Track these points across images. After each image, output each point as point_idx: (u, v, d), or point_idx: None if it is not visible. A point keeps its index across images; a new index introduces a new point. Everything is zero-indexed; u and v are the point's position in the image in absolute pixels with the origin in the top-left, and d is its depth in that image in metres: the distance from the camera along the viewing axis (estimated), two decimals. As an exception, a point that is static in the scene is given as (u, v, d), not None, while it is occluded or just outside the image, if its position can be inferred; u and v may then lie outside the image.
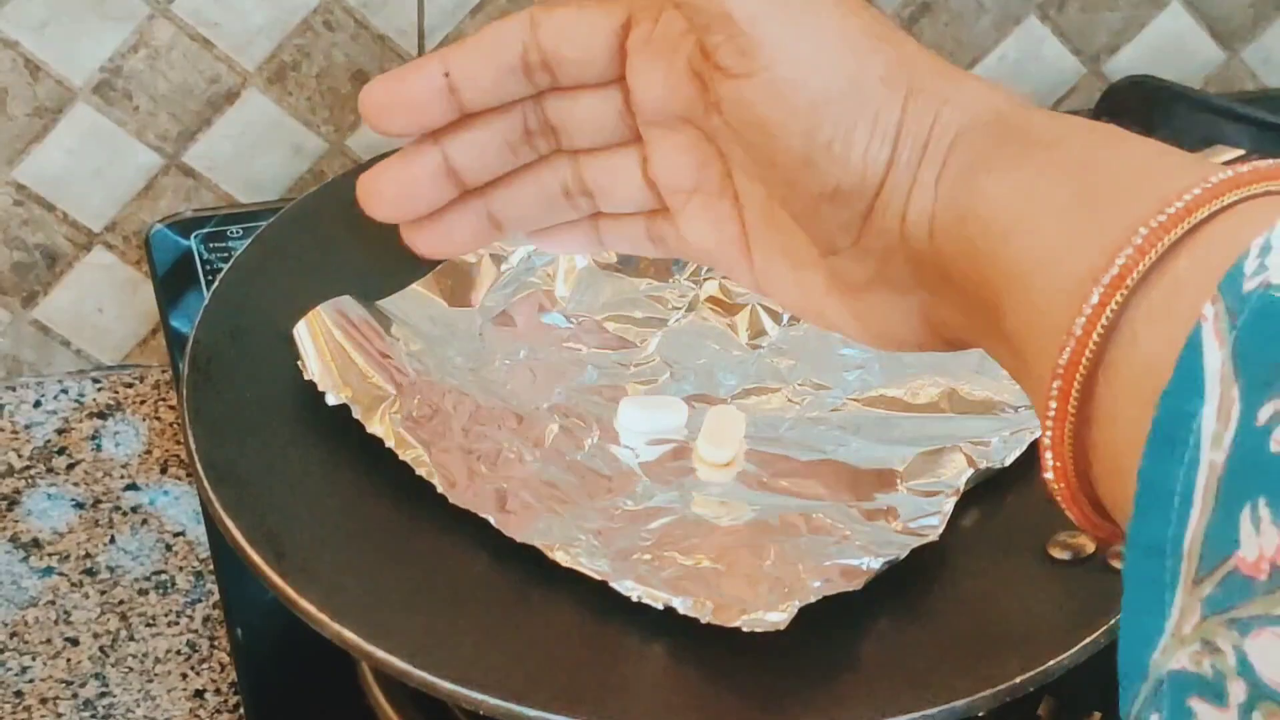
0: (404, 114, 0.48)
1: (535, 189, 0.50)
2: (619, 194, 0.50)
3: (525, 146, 0.49)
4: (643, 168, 0.49)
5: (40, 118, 0.89)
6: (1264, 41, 1.07)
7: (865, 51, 0.44)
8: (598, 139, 0.50)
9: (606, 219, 0.51)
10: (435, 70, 0.47)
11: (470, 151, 0.49)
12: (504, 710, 0.62)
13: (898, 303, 0.46)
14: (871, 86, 0.44)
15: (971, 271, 0.43)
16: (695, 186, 0.49)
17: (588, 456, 0.72)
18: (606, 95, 0.49)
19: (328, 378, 0.71)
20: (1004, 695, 0.64)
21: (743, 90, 0.44)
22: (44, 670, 0.81)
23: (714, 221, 0.49)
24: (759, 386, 0.77)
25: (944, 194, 0.44)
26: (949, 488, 0.70)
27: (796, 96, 0.43)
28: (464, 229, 0.50)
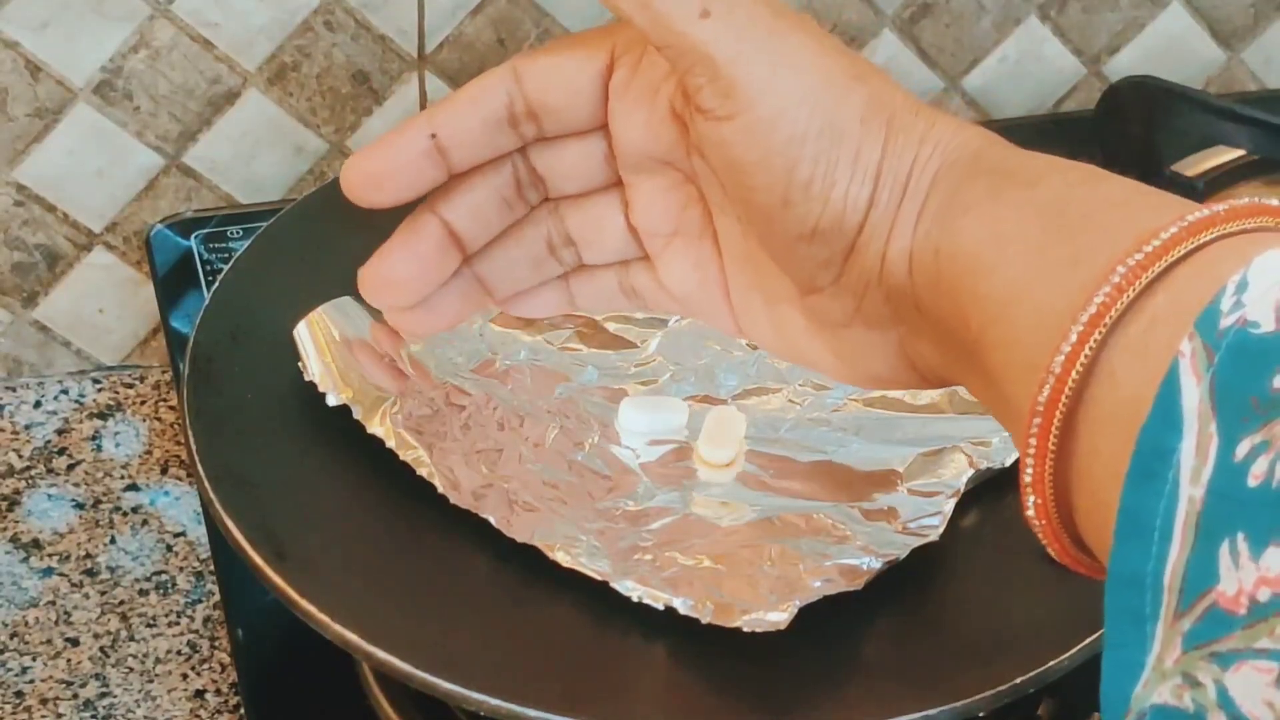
0: (393, 184, 0.47)
1: (523, 248, 0.50)
2: (602, 242, 0.50)
3: (519, 200, 0.49)
4: (625, 214, 0.49)
5: (41, 118, 0.89)
6: (1264, 42, 1.07)
7: (844, 91, 0.44)
8: (583, 185, 0.49)
9: (579, 277, 0.51)
10: (421, 133, 0.47)
11: (470, 214, 0.48)
12: (504, 710, 0.62)
13: (877, 340, 0.46)
14: (851, 126, 0.44)
15: (950, 308, 0.43)
16: (676, 229, 0.49)
17: (588, 457, 0.72)
18: (591, 141, 0.48)
19: (328, 378, 0.71)
20: (1004, 696, 0.64)
21: (723, 132, 0.44)
22: (44, 670, 0.81)
23: (694, 264, 0.49)
24: (759, 387, 0.77)
25: (923, 232, 0.44)
26: (949, 488, 0.70)
27: (776, 136, 0.44)
28: (455, 299, 0.49)
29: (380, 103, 0.94)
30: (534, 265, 0.50)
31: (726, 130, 0.44)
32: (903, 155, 0.44)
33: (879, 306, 0.46)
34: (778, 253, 0.46)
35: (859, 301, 0.46)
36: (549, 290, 0.51)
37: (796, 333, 0.48)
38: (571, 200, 0.50)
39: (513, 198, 0.49)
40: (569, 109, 0.48)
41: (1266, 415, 0.34)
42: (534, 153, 0.49)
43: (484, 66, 0.94)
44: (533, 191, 0.49)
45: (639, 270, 0.50)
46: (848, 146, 0.44)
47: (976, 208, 0.43)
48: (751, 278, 0.48)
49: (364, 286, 0.48)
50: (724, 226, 0.48)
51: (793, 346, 0.48)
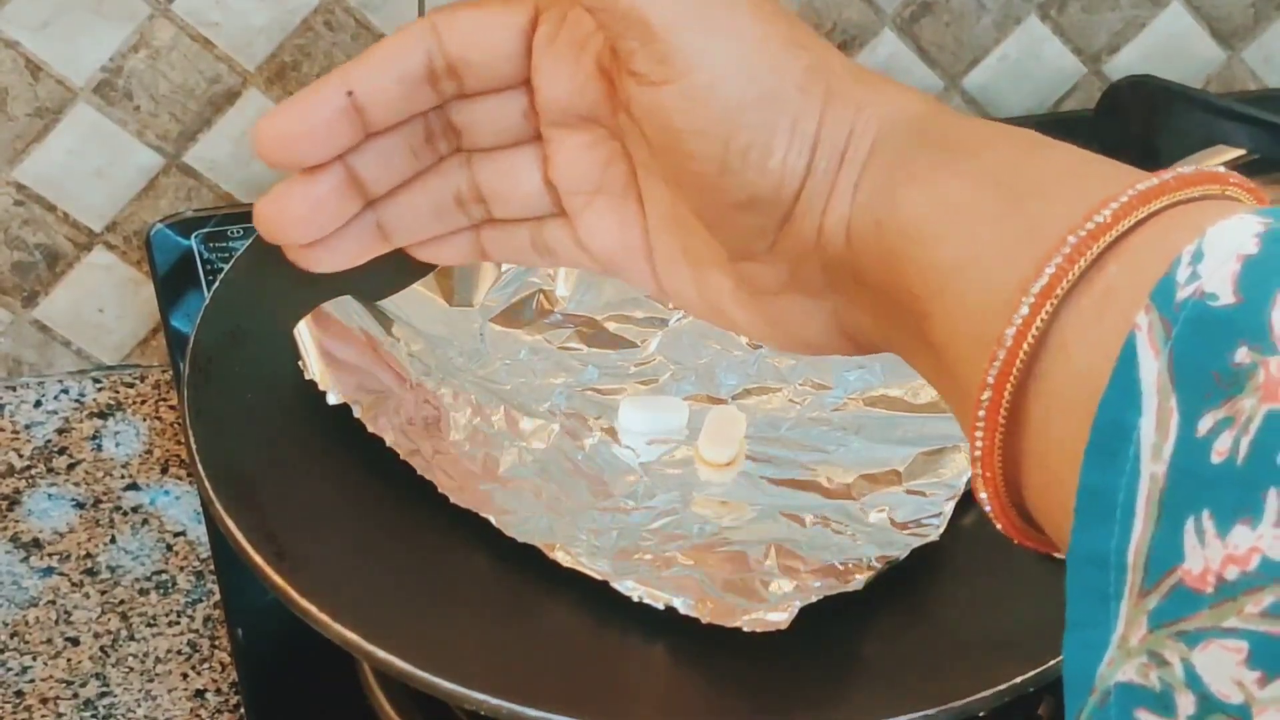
0: (308, 143, 0.45)
1: (427, 196, 0.48)
2: (515, 198, 0.49)
3: (427, 150, 0.48)
4: (543, 169, 0.48)
5: (41, 118, 0.89)
6: (1264, 41, 1.07)
7: (783, 59, 0.43)
8: (500, 140, 0.48)
9: (490, 228, 0.49)
10: (337, 91, 0.45)
11: (375, 161, 0.47)
12: (504, 710, 0.62)
13: (809, 306, 0.46)
14: (789, 94, 0.43)
15: (891, 278, 0.42)
16: (598, 187, 0.48)
17: (588, 456, 0.72)
18: (511, 97, 0.47)
19: (329, 377, 0.71)
20: (1004, 695, 0.64)
21: (658, 97, 0.43)
22: (45, 670, 0.81)
23: (616, 224, 0.48)
24: (760, 386, 0.77)
25: (862, 200, 0.43)
26: (949, 488, 0.70)
27: (714, 104, 0.43)
28: (352, 242, 0.48)
29: (380, 102, 0.94)
30: (437, 216, 0.49)
31: (662, 95, 0.43)
32: (840, 123, 0.43)
33: (814, 275, 0.45)
34: (711, 220, 0.45)
35: (794, 269, 0.45)
36: (458, 239, 0.49)
37: (724, 297, 0.47)
38: (485, 153, 0.48)
39: (421, 147, 0.47)
40: (490, 65, 0.46)
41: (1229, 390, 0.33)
42: (452, 105, 0.47)
43: (484, 66, 0.94)
44: (443, 142, 0.48)
45: (554, 227, 0.49)
46: (785, 114, 0.43)
47: (921, 177, 0.42)
48: (677, 240, 0.47)
49: (258, 220, 0.47)
50: (649, 187, 0.47)
51: (718, 310, 0.48)
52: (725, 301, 0.47)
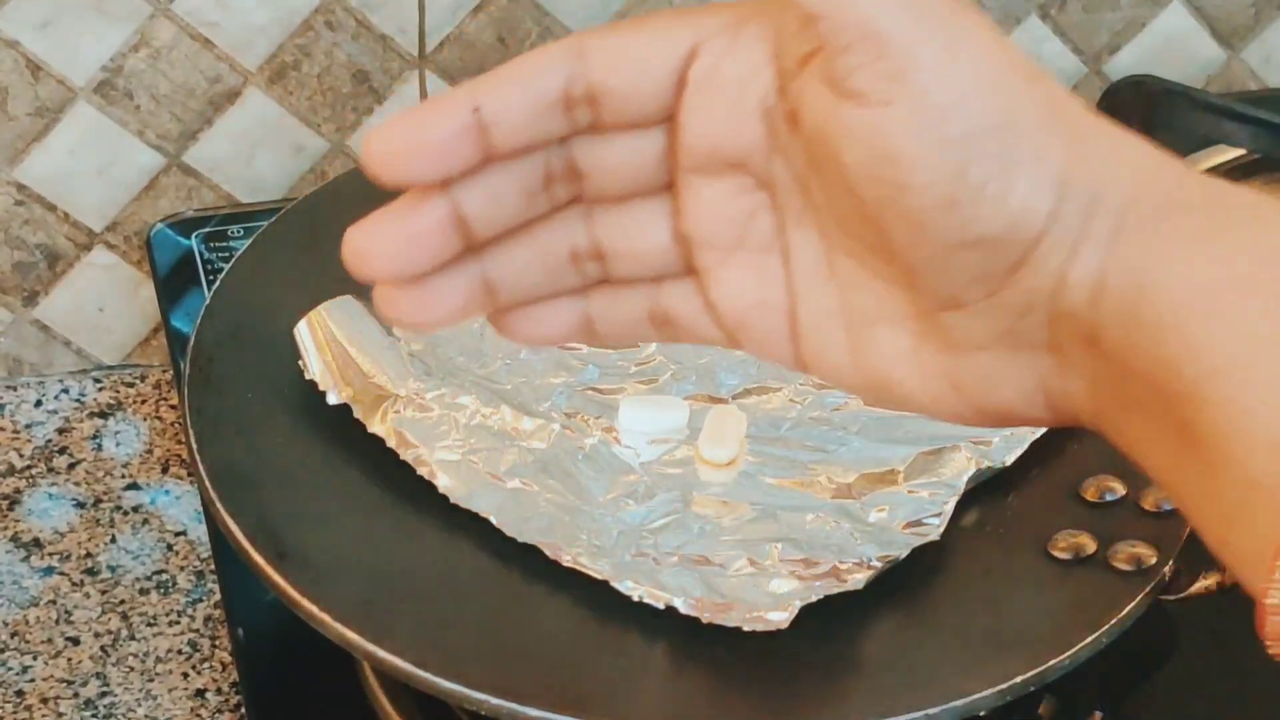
0: (424, 161, 0.41)
1: (540, 249, 0.44)
2: (639, 254, 0.44)
3: (544, 194, 0.43)
4: (674, 222, 0.43)
5: (41, 117, 0.89)
6: (1265, 41, 1.07)
7: (1025, 89, 0.40)
8: (627, 186, 0.43)
9: (602, 296, 0.45)
10: (463, 106, 0.41)
11: (485, 198, 0.42)
12: (505, 710, 0.62)
13: (1014, 365, 0.42)
14: (1031, 126, 0.39)
15: (1151, 351, 0.38)
16: (737, 241, 0.43)
17: (589, 456, 0.72)
18: (647, 137, 0.43)
19: (329, 377, 0.72)
20: (1005, 695, 0.64)
21: (881, 120, 0.39)
22: (45, 670, 0.81)
23: (755, 281, 0.43)
24: (760, 386, 0.77)
25: (1125, 259, 0.39)
26: (950, 487, 0.70)
27: (949, 128, 0.39)
28: (456, 295, 0.43)
29: (381, 102, 0.94)
30: (549, 273, 0.44)
31: (886, 118, 0.39)
32: (1092, 166, 0.40)
33: (1036, 330, 0.41)
34: (922, 264, 0.41)
35: (1014, 322, 0.41)
36: (562, 309, 0.45)
37: (891, 358, 0.43)
38: (608, 204, 0.44)
39: (537, 190, 0.43)
40: (636, 96, 0.42)
41: None
42: (578, 143, 0.43)
43: (484, 66, 0.94)
44: (562, 187, 0.43)
45: (676, 291, 0.44)
46: (1028, 148, 0.39)
47: (1203, 243, 0.39)
48: (832, 298, 0.43)
49: (347, 252, 0.42)
50: (799, 241, 0.43)
51: (876, 376, 0.43)
52: (893, 363, 0.43)
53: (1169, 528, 0.68)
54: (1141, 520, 0.69)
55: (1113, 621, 0.66)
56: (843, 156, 0.40)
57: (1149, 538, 0.68)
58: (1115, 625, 0.66)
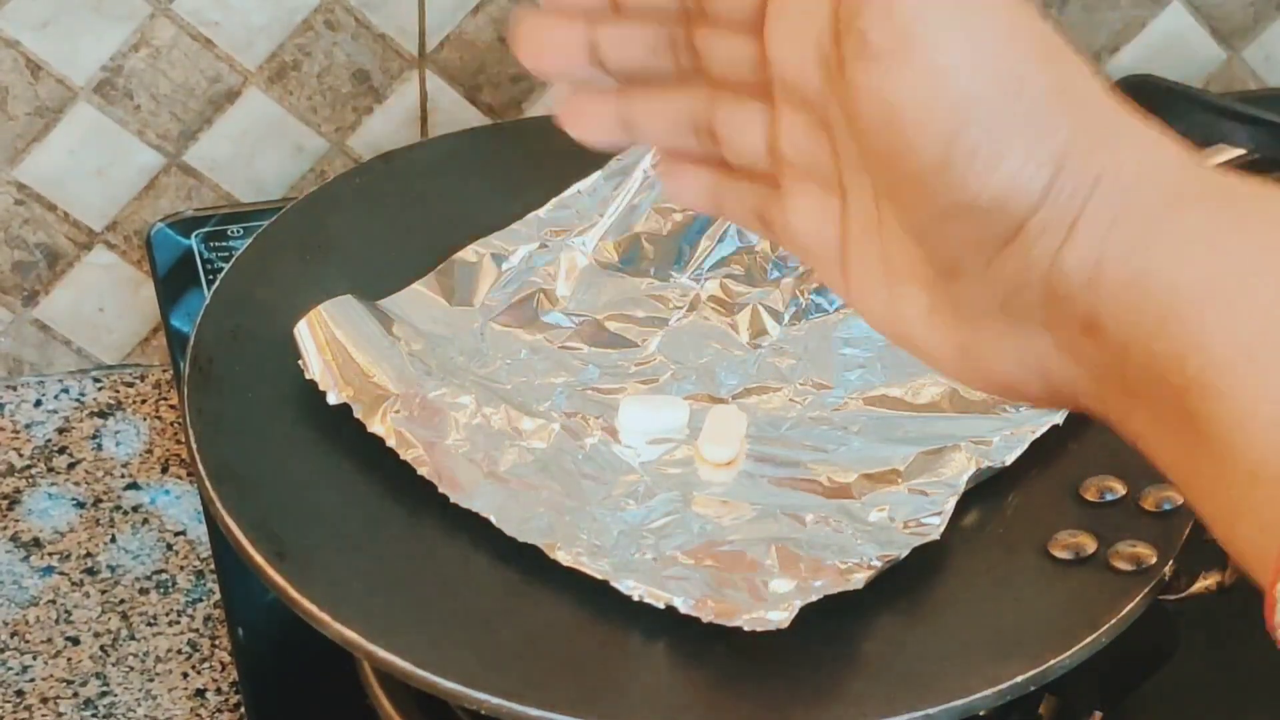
0: None
1: (669, 106, 0.47)
2: (742, 145, 0.46)
3: (669, 53, 0.46)
4: (770, 129, 0.45)
5: (41, 117, 0.89)
6: (1265, 40, 1.07)
7: (1033, 64, 0.40)
8: (736, 79, 0.45)
9: (726, 182, 0.47)
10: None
11: (616, 37, 0.46)
12: (505, 710, 0.62)
13: (1014, 340, 0.42)
14: (1035, 102, 0.40)
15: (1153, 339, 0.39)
16: (809, 170, 0.45)
17: (589, 456, 0.72)
18: (747, 42, 0.45)
19: (329, 377, 0.71)
20: (1005, 694, 0.64)
21: (885, 75, 0.40)
22: (45, 669, 0.81)
23: (818, 214, 0.45)
24: (760, 386, 0.77)
25: (1123, 244, 0.39)
26: (950, 487, 0.70)
27: (947, 90, 0.39)
28: (603, 118, 0.47)
29: (381, 101, 0.94)
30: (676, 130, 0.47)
31: (889, 74, 0.40)
32: (1094, 148, 0.40)
33: (1031, 308, 0.41)
34: (921, 226, 0.42)
35: (1008, 297, 0.42)
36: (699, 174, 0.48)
37: (914, 316, 0.44)
38: (726, 90, 0.46)
39: (661, 49, 0.46)
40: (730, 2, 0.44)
41: None
42: (697, 29, 0.45)
43: (485, 65, 0.94)
44: (685, 55, 0.46)
45: (775, 198, 0.46)
46: (1026, 123, 0.40)
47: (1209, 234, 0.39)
48: (874, 247, 0.44)
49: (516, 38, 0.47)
50: (853, 186, 0.44)
51: (903, 329, 0.45)
52: (915, 321, 0.44)
53: (1169, 528, 0.68)
54: (1141, 520, 0.69)
55: (1113, 621, 0.66)
56: (857, 114, 0.41)
57: (1149, 538, 0.68)
58: (1115, 625, 0.66)
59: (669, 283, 0.81)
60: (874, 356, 0.77)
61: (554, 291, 0.80)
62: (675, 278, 0.81)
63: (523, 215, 0.81)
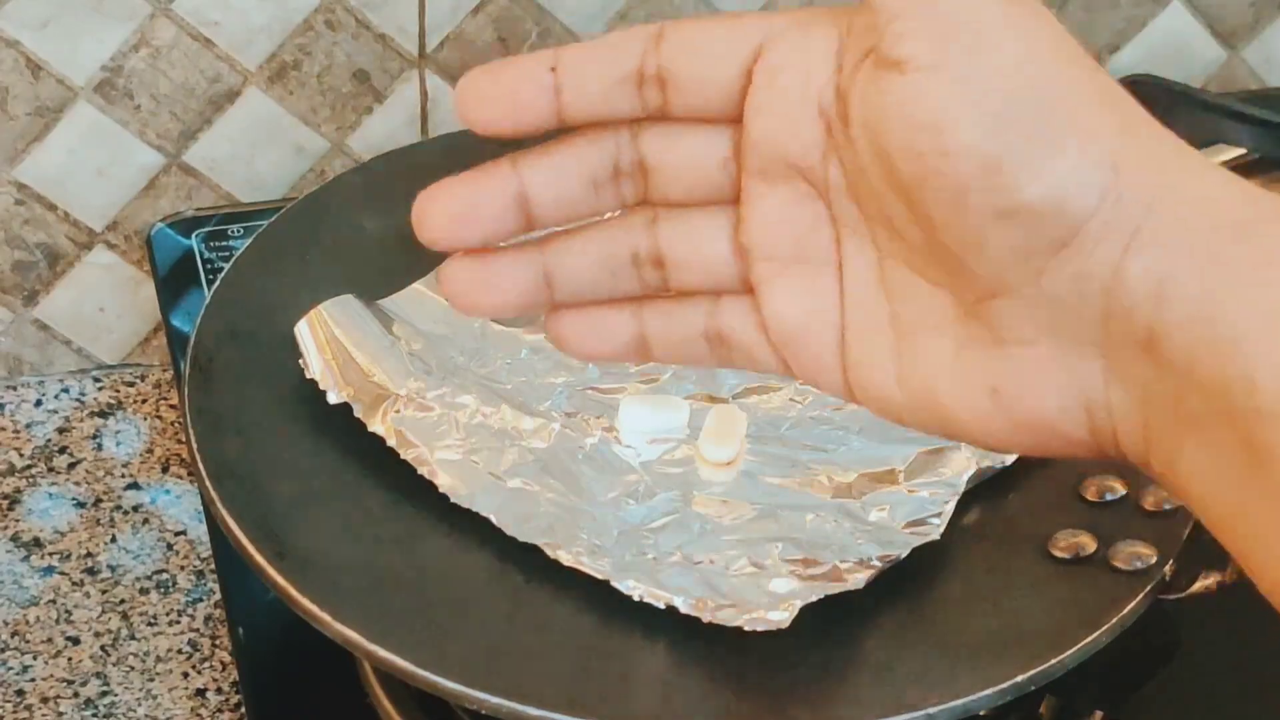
0: (502, 106, 0.43)
1: (602, 248, 0.44)
2: (698, 263, 0.44)
3: (610, 188, 0.44)
4: (735, 232, 0.44)
5: (41, 117, 0.89)
6: (1265, 40, 1.07)
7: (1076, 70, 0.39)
8: (692, 190, 0.44)
9: (658, 311, 0.45)
10: (543, 65, 0.42)
11: (550, 180, 0.43)
12: (505, 710, 0.62)
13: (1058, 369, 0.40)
14: (1083, 102, 0.39)
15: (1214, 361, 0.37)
16: (795, 254, 0.43)
17: (589, 456, 0.72)
18: (714, 136, 0.43)
19: (329, 376, 0.72)
20: (1006, 694, 0.64)
21: (923, 84, 0.39)
22: (45, 669, 0.81)
23: (808, 296, 0.43)
24: (761, 385, 0.77)
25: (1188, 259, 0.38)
26: (951, 487, 0.70)
27: (991, 92, 0.38)
28: (515, 281, 0.44)
29: (381, 101, 0.94)
30: (610, 273, 0.45)
31: (927, 84, 0.38)
32: (1148, 159, 0.39)
33: (1089, 326, 0.39)
34: (966, 243, 0.40)
35: (1062, 313, 0.40)
36: (618, 322, 0.45)
37: (935, 369, 0.42)
38: (671, 211, 0.44)
39: (604, 181, 0.44)
40: (703, 84, 0.42)
41: None
42: (647, 136, 0.44)
43: (485, 65, 0.94)
44: (629, 184, 0.44)
45: (732, 309, 0.44)
46: (1078, 120, 0.38)
47: None
48: (880, 310, 0.43)
49: (416, 211, 0.43)
50: (853, 251, 0.43)
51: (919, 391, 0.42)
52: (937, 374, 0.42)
53: (1169, 528, 0.68)
54: (1142, 520, 0.69)
55: (1113, 621, 0.66)
56: (884, 134, 0.40)
57: (1149, 537, 0.68)
58: (1115, 625, 0.66)
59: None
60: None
61: (554, 291, 0.80)
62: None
63: (523, 215, 0.81)
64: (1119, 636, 0.66)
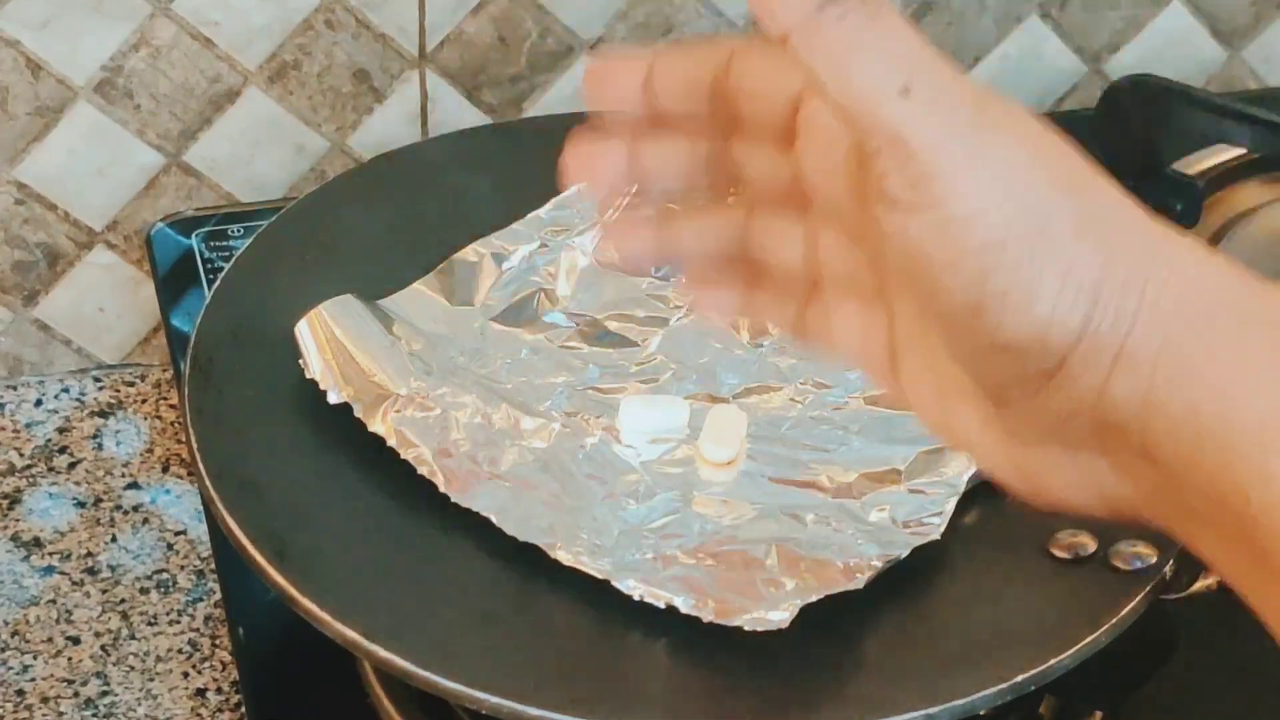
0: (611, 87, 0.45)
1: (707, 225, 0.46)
2: (780, 259, 0.46)
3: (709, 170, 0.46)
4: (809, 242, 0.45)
5: (41, 117, 0.89)
6: (1265, 40, 1.07)
7: (1053, 201, 0.39)
8: (773, 197, 0.45)
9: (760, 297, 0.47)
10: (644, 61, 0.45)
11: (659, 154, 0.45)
12: (505, 709, 0.62)
13: (1069, 464, 0.42)
14: (1061, 238, 0.39)
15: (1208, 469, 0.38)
16: (852, 285, 0.45)
17: (589, 456, 0.72)
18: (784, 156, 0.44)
19: (329, 376, 0.71)
20: (1006, 694, 0.64)
21: (909, 224, 0.39)
22: (45, 669, 0.81)
23: (861, 328, 0.45)
24: (761, 385, 0.77)
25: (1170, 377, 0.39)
26: (951, 487, 0.70)
27: (969, 238, 0.39)
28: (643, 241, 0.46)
29: (381, 101, 0.94)
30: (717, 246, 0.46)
31: (912, 224, 0.39)
32: (1130, 277, 0.39)
33: (1085, 436, 0.41)
34: (963, 358, 0.41)
35: (1060, 424, 0.41)
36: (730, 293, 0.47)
37: (969, 429, 0.43)
38: (764, 206, 0.46)
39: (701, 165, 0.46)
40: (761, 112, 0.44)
41: None
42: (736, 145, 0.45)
43: (485, 65, 0.94)
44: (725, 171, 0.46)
45: (815, 309, 0.46)
46: (1054, 260, 0.39)
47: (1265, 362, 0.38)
48: (925, 363, 0.44)
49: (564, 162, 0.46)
50: (898, 302, 0.44)
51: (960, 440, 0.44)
52: (971, 434, 0.44)
53: (1169, 527, 0.68)
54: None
55: (1113, 621, 0.66)
56: (892, 252, 0.41)
57: (1149, 537, 0.68)
58: (1115, 625, 0.66)
59: (669, 282, 0.81)
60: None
61: (554, 291, 0.80)
62: (676, 277, 0.81)
63: (523, 215, 0.81)
64: (1119, 636, 0.66)
